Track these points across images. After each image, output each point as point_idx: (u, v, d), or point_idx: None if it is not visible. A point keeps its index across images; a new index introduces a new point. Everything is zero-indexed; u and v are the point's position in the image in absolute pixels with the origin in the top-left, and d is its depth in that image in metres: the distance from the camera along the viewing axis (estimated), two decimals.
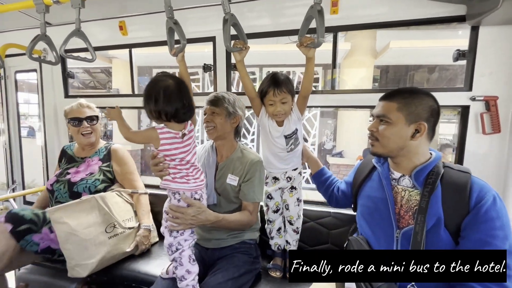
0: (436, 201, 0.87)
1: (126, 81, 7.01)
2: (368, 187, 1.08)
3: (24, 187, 2.38)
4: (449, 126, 4.79)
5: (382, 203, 0.98)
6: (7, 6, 1.24)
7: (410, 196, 0.94)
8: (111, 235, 1.38)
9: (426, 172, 0.92)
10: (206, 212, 1.10)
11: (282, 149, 1.31)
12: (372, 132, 0.99)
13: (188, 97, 1.01)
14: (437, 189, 0.88)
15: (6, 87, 2.25)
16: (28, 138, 5.39)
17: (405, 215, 0.94)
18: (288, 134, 1.29)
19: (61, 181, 1.53)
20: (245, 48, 1.17)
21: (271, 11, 1.51)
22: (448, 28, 4.88)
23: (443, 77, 7.01)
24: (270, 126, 1.30)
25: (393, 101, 0.94)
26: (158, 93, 0.96)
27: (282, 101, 1.22)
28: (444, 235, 0.85)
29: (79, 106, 1.59)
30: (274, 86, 1.21)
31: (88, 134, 1.59)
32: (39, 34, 1.20)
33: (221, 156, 1.38)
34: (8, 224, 1.29)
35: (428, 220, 0.85)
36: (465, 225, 0.83)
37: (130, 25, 1.73)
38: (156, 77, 1.01)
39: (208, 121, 1.29)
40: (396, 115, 0.92)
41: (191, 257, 1.11)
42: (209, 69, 1.69)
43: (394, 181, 1.00)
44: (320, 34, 0.94)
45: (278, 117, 1.25)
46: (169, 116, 0.98)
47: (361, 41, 5.55)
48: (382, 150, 0.98)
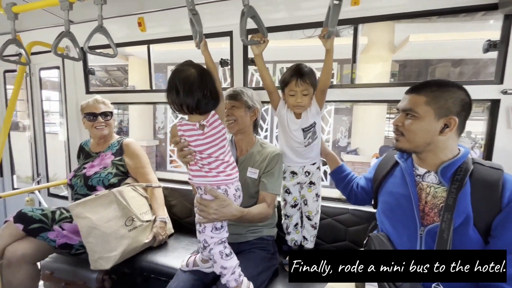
0: (465, 199, 0.83)
1: (142, 78, 7.16)
2: (390, 183, 1.05)
3: (48, 179, 2.49)
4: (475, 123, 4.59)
5: (405, 199, 0.95)
6: (33, 4, 1.28)
7: (436, 193, 0.91)
8: (131, 228, 1.42)
9: (454, 168, 0.88)
10: (231, 206, 1.03)
11: (299, 143, 1.29)
12: (397, 126, 0.95)
13: (212, 86, 0.95)
14: (466, 186, 0.84)
15: (31, 84, 2.35)
16: (50, 134, 5.67)
17: (430, 212, 0.90)
18: (306, 127, 1.27)
19: (78, 175, 1.59)
20: (264, 42, 1.14)
21: (288, 4, 1.49)
22: (473, 20, 4.64)
23: (466, 72, 6.70)
24: (288, 119, 1.28)
25: (421, 94, 0.89)
26: (178, 84, 0.92)
27: (304, 93, 1.21)
28: (473, 234, 0.82)
29: (95, 102, 1.64)
30: (297, 76, 1.19)
31: (101, 127, 1.64)
32: (63, 31, 1.23)
33: (240, 150, 1.39)
34: (18, 224, 1.35)
35: (455, 218, 0.82)
36: (496, 224, 0.80)
37: (148, 21, 1.76)
38: (178, 67, 0.97)
39: (228, 115, 1.29)
40: (425, 109, 0.88)
41: (223, 252, 1.03)
42: (226, 64, 1.69)
43: (419, 177, 0.96)
44: (331, 24, 0.92)
45: (298, 108, 1.24)
46: (191, 109, 0.94)
47: (379, 35, 5.38)
48: (408, 146, 0.94)
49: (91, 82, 2.19)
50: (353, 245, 1.48)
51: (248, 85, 1.72)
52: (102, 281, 1.48)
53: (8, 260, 1.29)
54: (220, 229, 1.05)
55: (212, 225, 1.04)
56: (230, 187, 1.04)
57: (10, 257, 1.29)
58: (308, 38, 4.86)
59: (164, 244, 1.60)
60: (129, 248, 1.39)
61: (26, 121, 2.52)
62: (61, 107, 2.28)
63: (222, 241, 1.05)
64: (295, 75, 1.20)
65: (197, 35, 1.05)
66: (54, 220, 1.42)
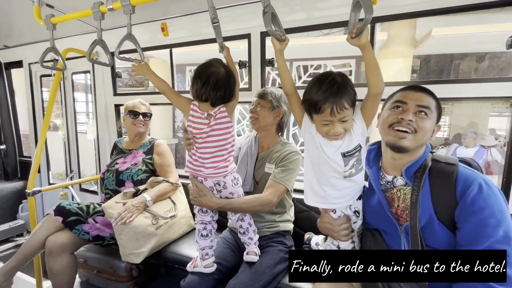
0: (426, 197, 0.86)
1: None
2: (364, 193, 1.06)
3: (80, 175, 2.68)
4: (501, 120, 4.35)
5: (379, 207, 0.97)
6: (70, 15, 1.40)
7: (405, 195, 0.93)
8: (157, 226, 1.53)
9: (416, 168, 0.90)
10: (207, 197, 1.19)
11: (337, 171, 0.96)
12: (411, 122, 0.87)
13: (233, 87, 1.11)
14: (425, 183, 0.87)
15: (64, 87, 2.54)
16: (80, 133, 6.02)
17: (403, 213, 0.93)
18: (348, 152, 0.95)
19: (110, 170, 1.72)
20: (285, 39, 1.00)
21: (305, 5, 1.51)
22: (501, 11, 4.38)
23: (494, 66, 6.32)
24: (320, 140, 0.96)
25: (431, 97, 0.91)
26: (208, 78, 1.06)
27: (343, 120, 0.90)
28: (439, 229, 0.84)
29: (139, 103, 1.81)
30: (333, 101, 0.86)
31: (140, 125, 1.78)
32: (96, 39, 1.34)
33: (262, 147, 1.46)
34: (58, 217, 1.48)
35: (420, 217, 0.85)
36: (457, 216, 0.82)
37: (171, 26, 1.85)
38: (210, 61, 1.10)
39: (252, 112, 1.39)
40: (434, 112, 0.90)
41: (200, 231, 1.27)
42: (244, 65, 1.75)
43: (389, 183, 0.98)
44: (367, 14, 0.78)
45: (335, 138, 0.94)
46: (206, 99, 1.09)
47: (399, 31, 5.20)
48: (413, 145, 0.88)
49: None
50: None
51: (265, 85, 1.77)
52: (130, 270, 1.60)
53: (49, 249, 1.43)
54: (205, 213, 1.27)
55: (199, 207, 1.26)
56: (215, 180, 1.21)
57: (51, 246, 1.43)
58: (325, 36, 4.81)
59: (187, 237, 1.70)
60: (156, 245, 1.52)
61: (57, 120, 2.73)
62: (91, 108, 2.45)
63: (203, 222, 1.27)
64: (330, 98, 0.86)
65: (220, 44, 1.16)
66: (89, 213, 1.55)
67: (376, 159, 1.04)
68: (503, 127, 5.13)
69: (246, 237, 1.28)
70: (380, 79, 0.88)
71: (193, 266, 1.27)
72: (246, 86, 1.80)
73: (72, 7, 1.55)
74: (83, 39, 2.12)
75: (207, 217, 1.26)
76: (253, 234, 1.29)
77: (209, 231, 1.27)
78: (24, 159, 2.99)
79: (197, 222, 1.28)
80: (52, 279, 1.45)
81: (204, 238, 1.26)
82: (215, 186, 1.22)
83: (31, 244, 1.45)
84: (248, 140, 1.52)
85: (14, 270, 1.44)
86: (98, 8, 1.27)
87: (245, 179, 1.43)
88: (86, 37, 2.11)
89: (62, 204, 1.53)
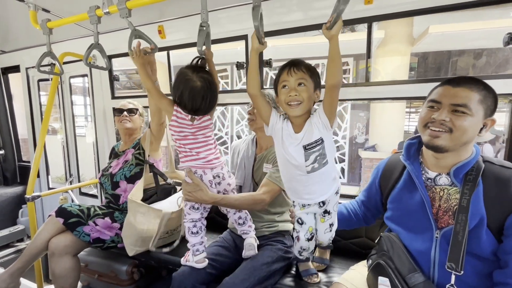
0: (478, 200, 0.82)
1: (159, 80, 7.37)
2: (399, 189, 1.01)
3: (79, 179, 2.68)
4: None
5: (418, 206, 0.93)
6: (66, 19, 1.39)
7: (449, 195, 0.89)
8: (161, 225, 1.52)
9: (467, 169, 0.86)
10: (202, 192, 1.18)
11: (298, 167, 0.99)
12: (444, 121, 0.84)
13: (211, 99, 1.13)
14: (479, 186, 0.83)
15: (62, 91, 2.53)
16: (79, 136, 6.03)
17: (444, 215, 0.89)
18: (309, 144, 0.97)
19: (105, 175, 1.72)
20: (264, 43, 1.00)
21: (302, 5, 1.51)
22: (498, 7, 4.39)
23: (491, 63, 6.34)
24: (284, 133, 1.00)
25: (473, 91, 0.82)
26: (184, 90, 1.09)
27: (299, 81, 0.95)
28: (487, 235, 0.81)
29: (126, 102, 1.80)
30: (290, 65, 0.97)
31: (126, 121, 1.74)
32: (92, 43, 1.33)
33: (260, 148, 1.47)
34: (59, 218, 1.49)
35: (470, 220, 0.81)
36: (509, 223, 0.79)
37: (168, 28, 1.84)
38: (190, 72, 1.11)
39: (250, 113, 1.42)
40: (477, 107, 0.82)
41: (190, 229, 1.27)
42: (241, 67, 1.75)
43: (430, 180, 0.94)
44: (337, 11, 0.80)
45: (293, 107, 0.96)
46: (188, 110, 1.12)
47: (397, 28, 5.22)
48: (450, 143, 0.84)
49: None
50: (370, 241, 1.50)
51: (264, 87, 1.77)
52: (131, 273, 1.60)
53: (52, 251, 1.44)
54: (196, 210, 1.26)
55: (191, 204, 1.25)
56: (207, 173, 1.21)
57: (53, 248, 1.44)
58: (322, 35, 4.81)
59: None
60: (156, 239, 1.50)
61: (55, 124, 2.72)
62: (89, 111, 2.45)
63: (193, 220, 1.26)
64: (288, 65, 0.98)
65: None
66: (89, 215, 1.55)
67: (417, 153, 0.99)
68: (502, 123, 5.14)
69: (245, 226, 1.32)
70: (339, 71, 0.89)
71: (186, 260, 1.29)
72: (244, 87, 1.79)
73: (68, 11, 1.54)
74: (80, 42, 2.11)
75: (197, 215, 1.27)
76: (251, 223, 1.34)
77: (199, 228, 1.28)
78: (23, 163, 2.98)
79: (187, 220, 1.27)
80: (55, 282, 1.46)
81: (195, 235, 1.27)
82: (214, 179, 1.23)
83: (34, 246, 1.47)
84: (246, 143, 1.54)
85: (20, 272, 1.47)
86: (94, 12, 1.27)
87: (245, 180, 1.44)
88: (83, 41, 2.11)
89: (63, 206, 1.54)
